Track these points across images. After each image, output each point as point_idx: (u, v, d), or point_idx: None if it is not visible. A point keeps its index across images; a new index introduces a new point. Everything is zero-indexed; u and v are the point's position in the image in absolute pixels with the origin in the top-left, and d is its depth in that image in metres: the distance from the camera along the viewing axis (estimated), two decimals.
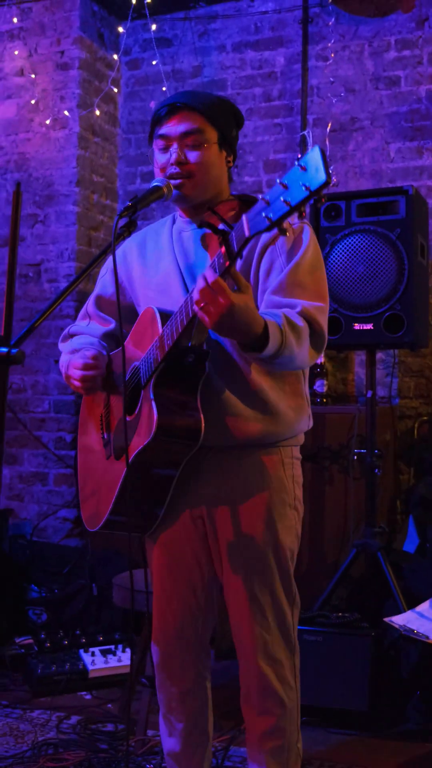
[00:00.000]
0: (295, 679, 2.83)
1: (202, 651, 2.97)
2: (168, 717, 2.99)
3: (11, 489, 6.35)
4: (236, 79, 6.31)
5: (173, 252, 2.88)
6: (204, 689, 2.98)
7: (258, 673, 2.78)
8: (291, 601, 2.82)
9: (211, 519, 2.82)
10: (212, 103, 2.80)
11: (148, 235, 3.03)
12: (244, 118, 2.94)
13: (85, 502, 3.07)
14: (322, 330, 2.64)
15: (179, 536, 2.87)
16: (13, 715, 4.34)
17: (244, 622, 2.80)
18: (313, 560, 5.02)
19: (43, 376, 6.29)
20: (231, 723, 3.96)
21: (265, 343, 2.44)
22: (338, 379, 5.84)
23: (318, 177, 2.00)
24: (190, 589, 2.90)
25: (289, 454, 2.85)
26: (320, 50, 6.05)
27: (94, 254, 6.15)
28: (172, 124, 2.78)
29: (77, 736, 4.08)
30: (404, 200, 4.66)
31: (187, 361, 2.62)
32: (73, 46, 6.30)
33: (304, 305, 2.60)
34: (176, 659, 2.94)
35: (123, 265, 3.03)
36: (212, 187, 2.81)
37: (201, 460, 2.75)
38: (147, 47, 6.58)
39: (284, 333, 2.47)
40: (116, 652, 4.87)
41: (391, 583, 4.49)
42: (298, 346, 2.53)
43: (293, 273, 2.65)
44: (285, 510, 2.81)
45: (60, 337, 3.17)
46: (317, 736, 4.09)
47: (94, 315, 3.12)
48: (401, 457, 5.53)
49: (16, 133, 6.44)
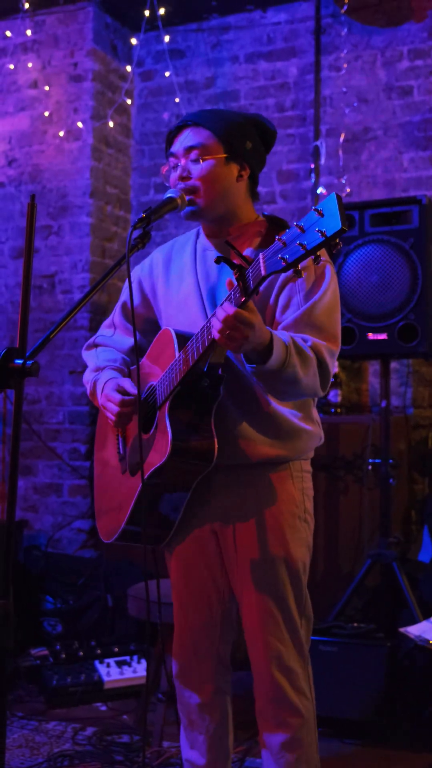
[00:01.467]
0: (310, 690, 2.83)
1: (221, 665, 2.96)
2: (188, 730, 2.99)
3: (26, 500, 6.36)
4: (249, 89, 6.32)
5: (195, 272, 2.88)
6: (223, 703, 2.97)
7: (273, 684, 2.77)
8: (302, 614, 2.81)
9: (223, 534, 2.83)
10: (221, 117, 2.79)
11: (174, 248, 3.02)
12: (271, 130, 2.88)
13: (100, 514, 3.08)
14: (329, 368, 2.64)
15: (193, 551, 2.88)
16: (29, 727, 4.34)
17: (258, 633, 2.79)
18: (327, 570, 5.01)
19: (58, 388, 6.30)
20: (247, 734, 3.95)
21: (269, 355, 2.45)
22: (352, 389, 5.84)
23: (334, 224, 2.07)
24: (205, 603, 2.90)
25: (299, 468, 2.85)
26: (333, 60, 6.06)
27: (108, 265, 6.19)
28: (178, 141, 2.80)
29: (93, 747, 4.08)
30: (417, 210, 4.66)
31: (203, 385, 2.65)
32: (87, 58, 6.32)
33: (315, 341, 2.61)
34: (194, 672, 2.94)
35: (149, 278, 3.03)
36: (222, 201, 2.79)
37: (212, 476, 2.75)
38: (160, 59, 6.60)
39: (289, 350, 2.49)
40: (131, 663, 4.87)
41: (406, 593, 4.48)
42: (302, 369, 2.53)
43: (309, 312, 2.64)
44: (295, 522, 2.81)
45: (85, 345, 3.18)
46: (332, 746, 4.08)
47: (120, 325, 3.11)
48: (415, 466, 5.52)
49: (30, 145, 6.47)
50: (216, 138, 2.75)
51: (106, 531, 3.00)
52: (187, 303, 2.85)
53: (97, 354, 3.09)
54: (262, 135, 2.86)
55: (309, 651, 2.84)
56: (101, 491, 3.11)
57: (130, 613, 4.28)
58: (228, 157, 2.76)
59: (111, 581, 5.46)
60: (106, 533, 2.99)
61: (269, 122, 2.87)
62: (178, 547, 2.90)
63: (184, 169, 2.76)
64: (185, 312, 2.85)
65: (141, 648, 5.00)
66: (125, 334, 3.11)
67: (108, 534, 2.97)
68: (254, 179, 2.88)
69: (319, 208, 2.10)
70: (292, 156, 6.15)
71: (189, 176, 2.76)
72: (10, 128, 6.53)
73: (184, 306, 2.86)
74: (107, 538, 2.97)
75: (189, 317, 2.82)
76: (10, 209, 6.53)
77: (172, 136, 2.83)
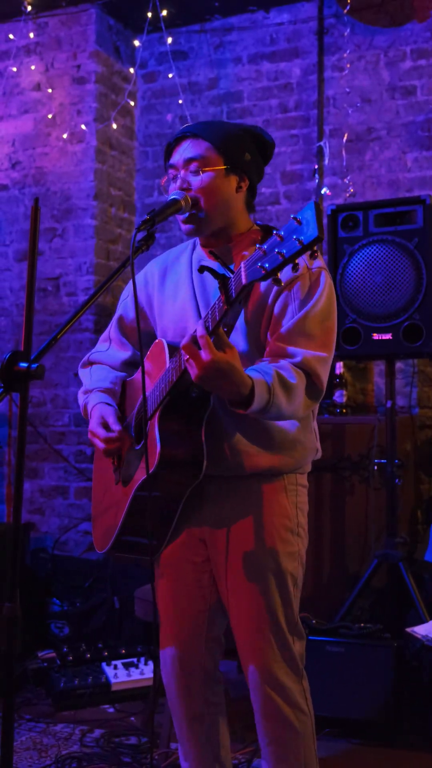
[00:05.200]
0: (307, 703, 2.80)
1: (209, 678, 2.94)
2: (182, 741, 2.98)
3: (32, 503, 6.36)
4: (252, 90, 6.32)
5: (191, 284, 2.88)
6: (213, 716, 2.95)
7: (265, 700, 2.76)
8: (293, 630, 2.79)
9: (213, 543, 2.82)
10: (219, 129, 2.79)
11: (169, 259, 3.02)
12: (269, 142, 2.88)
13: (95, 524, 3.10)
14: (321, 381, 2.65)
15: (181, 561, 2.88)
16: (37, 729, 4.34)
17: (248, 649, 2.78)
18: (334, 571, 5.01)
19: (63, 390, 6.30)
20: (253, 735, 3.94)
21: (251, 402, 2.46)
22: (357, 389, 5.83)
23: (311, 232, 2.11)
24: (192, 615, 2.89)
25: (294, 481, 2.84)
26: (336, 61, 6.06)
27: (113, 267, 6.19)
28: (177, 153, 2.80)
29: (101, 749, 4.08)
30: (421, 210, 4.65)
31: (191, 396, 2.66)
32: (90, 60, 6.33)
33: (306, 355, 2.61)
34: (181, 684, 2.93)
35: (144, 291, 3.03)
36: (221, 213, 2.79)
37: (204, 486, 2.75)
38: (163, 60, 6.60)
39: (273, 391, 2.49)
40: (138, 664, 4.87)
41: (412, 593, 4.48)
42: (288, 403, 2.54)
43: (302, 322, 2.65)
44: (287, 535, 2.80)
45: (81, 362, 3.19)
46: (339, 747, 4.08)
47: (115, 339, 3.12)
48: (421, 466, 5.51)
49: (33, 147, 6.47)
50: (215, 150, 2.75)
51: (99, 541, 3.02)
52: (183, 315, 2.86)
53: (90, 373, 3.10)
54: (260, 146, 2.87)
55: (315, 651, 2.83)
56: (96, 501, 3.13)
57: (137, 615, 4.28)
58: (228, 169, 2.77)
59: (118, 583, 5.46)
60: (100, 544, 3.01)
61: (267, 134, 2.88)
62: (165, 552, 2.89)
63: (183, 181, 2.76)
64: (181, 324, 2.86)
65: (148, 650, 5.01)
66: (120, 348, 3.12)
67: (101, 545, 2.99)
68: (252, 191, 2.89)
69: (298, 216, 2.13)
70: (296, 157, 6.15)
71: (189, 188, 2.76)
72: (14, 131, 6.53)
73: (180, 318, 2.87)
74: (100, 549, 2.99)
75: (185, 329, 2.82)
76: (14, 212, 6.53)
77: (171, 148, 2.83)
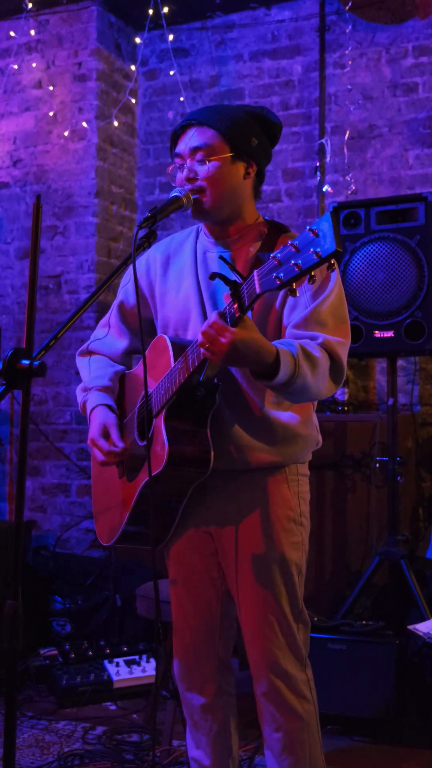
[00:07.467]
0: (311, 692, 2.82)
1: (222, 666, 2.95)
2: (193, 730, 2.99)
3: (34, 501, 6.37)
4: (254, 88, 6.32)
5: (195, 275, 2.86)
6: (227, 704, 2.97)
7: (270, 688, 2.76)
8: (297, 618, 2.80)
9: (219, 536, 2.83)
10: (226, 115, 2.75)
11: (172, 246, 2.99)
12: (276, 123, 2.85)
13: (99, 518, 3.09)
14: (342, 363, 2.64)
15: (190, 553, 2.89)
16: (39, 727, 4.34)
17: (253, 637, 2.79)
18: (336, 568, 5.01)
19: (65, 388, 6.30)
20: (256, 732, 3.94)
21: (277, 371, 2.45)
22: (359, 387, 5.83)
23: (328, 246, 2.09)
24: (204, 604, 2.91)
25: (295, 471, 2.84)
26: (337, 58, 6.05)
27: (114, 265, 6.19)
28: (182, 142, 2.77)
29: (103, 746, 4.08)
30: (423, 207, 4.65)
31: (198, 395, 2.65)
32: (91, 58, 6.32)
33: (326, 338, 2.61)
34: (196, 673, 2.94)
35: (146, 276, 3.00)
36: (228, 201, 2.77)
37: (208, 480, 2.75)
38: (164, 57, 6.60)
39: (297, 361, 2.48)
40: (140, 662, 4.87)
41: (414, 590, 4.48)
42: (313, 376, 2.52)
43: (316, 311, 2.64)
44: (290, 526, 2.81)
45: (79, 350, 3.16)
46: (341, 744, 4.08)
47: (114, 326, 3.09)
48: (423, 464, 5.51)
49: (34, 145, 6.47)
50: (221, 137, 2.73)
51: (104, 534, 3.01)
52: (187, 308, 2.84)
53: (89, 364, 3.08)
54: (267, 129, 2.84)
55: (317, 649, 2.84)
56: (99, 494, 3.12)
57: (139, 612, 4.27)
58: (234, 156, 2.75)
59: (119, 581, 5.46)
60: (105, 536, 3.00)
61: (273, 115, 2.85)
62: (174, 547, 2.91)
63: (190, 170, 2.74)
64: (184, 314, 2.84)
65: (150, 647, 5.01)
66: (119, 335, 3.09)
67: (107, 537, 2.98)
68: (260, 175, 2.87)
69: (314, 228, 2.12)
70: (298, 154, 6.14)
71: (195, 177, 2.74)
72: (15, 128, 6.53)
73: (183, 309, 2.85)
74: (106, 542, 2.98)
75: (188, 320, 2.82)
76: (15, 210, 6.54)
77: (176, 136, 2.80)
